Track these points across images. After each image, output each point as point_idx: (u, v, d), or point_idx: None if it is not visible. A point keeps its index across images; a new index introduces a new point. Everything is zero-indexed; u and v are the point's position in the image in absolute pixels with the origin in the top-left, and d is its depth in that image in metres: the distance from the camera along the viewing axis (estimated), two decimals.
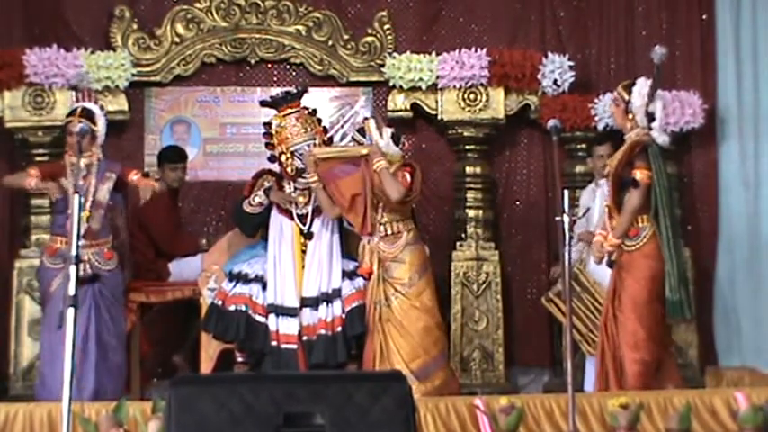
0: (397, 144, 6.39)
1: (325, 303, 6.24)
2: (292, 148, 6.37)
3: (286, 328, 6.21)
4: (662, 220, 5.92)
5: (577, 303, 6.48)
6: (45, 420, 5.43)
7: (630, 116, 6.04)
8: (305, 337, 6.20)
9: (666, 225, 5.92)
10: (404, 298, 6.21)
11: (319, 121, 6.57)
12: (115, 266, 6.38)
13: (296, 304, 6.24)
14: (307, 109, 6.53)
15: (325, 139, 6.54)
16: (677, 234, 6.02)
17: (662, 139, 6.05)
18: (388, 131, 6.39)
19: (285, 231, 6.39)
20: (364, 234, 6.27)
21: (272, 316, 6.23)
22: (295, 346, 6.18)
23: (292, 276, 6.29)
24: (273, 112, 6.52)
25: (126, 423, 5.25)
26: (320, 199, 6.31)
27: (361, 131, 6.39)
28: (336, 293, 6.26)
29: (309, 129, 6.42)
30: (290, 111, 6.45)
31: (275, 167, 6.54)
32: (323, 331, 6.19)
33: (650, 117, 6.02)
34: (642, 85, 6.05)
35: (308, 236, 6.37)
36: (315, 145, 6.37)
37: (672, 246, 5.92)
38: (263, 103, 6.65)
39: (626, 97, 6.06)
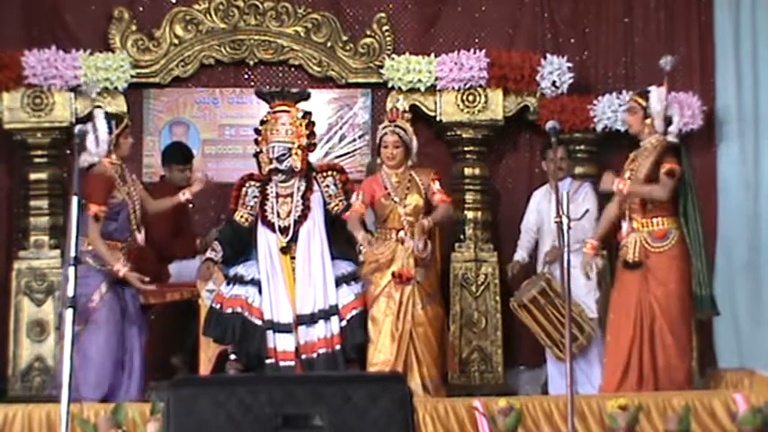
0: None
1: (322, 321, 6.19)
2: (268, 146, 6.34)
3: (283, 345, 6.16)
4: (691, 217, 6.14)
5: (551, 309, 6.56)
6: (44, 421, 5.44)
7: (648, 121, 6.24)
8: (304, 356, 6.16)
9: (696, 222, 6.13)
10: (429, 306, 6.23)
11: (311, 126, 6.44)
12: None
13: (290, 320, 6.19)
14: (305, 114, 6.42)
15: (306, 144, 6.38)
16: (703, 231, 6.32)
17: (676, 140, 6.33)
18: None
19: (271, 245, 6.34)
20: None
21: (269, 332, 6.18)
22: (293, 363, 6.13)
23: (284, 291, 6.24)
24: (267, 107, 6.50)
25: (124, 424, 5.27)
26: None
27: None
28: (334, 309, 6.22)
29: (290, 132, 6.33)
30: (280, 108, 6.41)
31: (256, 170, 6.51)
32: (323, 350, 6.15)
33: (667, 121, 6.29)
34: (659, 92, 6.29)
35: (285, 249, 6.32)
36: (290, 150, 6.29)
37: (701, 243, 6.25)
38: (258, 94, 6.62)
39: (643, 104, 6.28)
